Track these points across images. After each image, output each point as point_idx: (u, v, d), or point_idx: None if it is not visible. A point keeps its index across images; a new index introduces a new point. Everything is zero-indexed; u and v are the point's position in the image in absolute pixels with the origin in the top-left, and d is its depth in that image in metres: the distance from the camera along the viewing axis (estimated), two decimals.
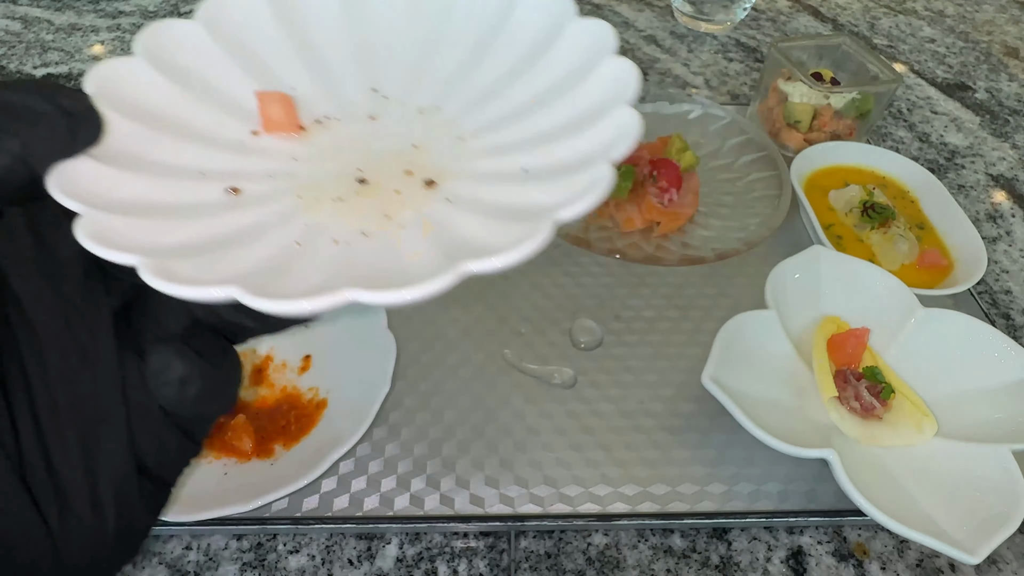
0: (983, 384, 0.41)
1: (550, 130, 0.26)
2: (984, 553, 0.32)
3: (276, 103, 0.26)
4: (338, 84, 0.28)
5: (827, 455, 0.35)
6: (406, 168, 0.25)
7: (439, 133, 0.27)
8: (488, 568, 0.36)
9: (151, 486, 0.19)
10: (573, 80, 0.26)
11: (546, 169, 0.24)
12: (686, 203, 0.51)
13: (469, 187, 0.24)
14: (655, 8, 0.88)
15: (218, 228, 0.22)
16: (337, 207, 0.24)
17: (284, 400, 0.41)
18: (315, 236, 0.22)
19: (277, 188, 0.24)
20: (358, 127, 0.27)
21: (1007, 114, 0.73)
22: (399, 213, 0.23)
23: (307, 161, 0.26)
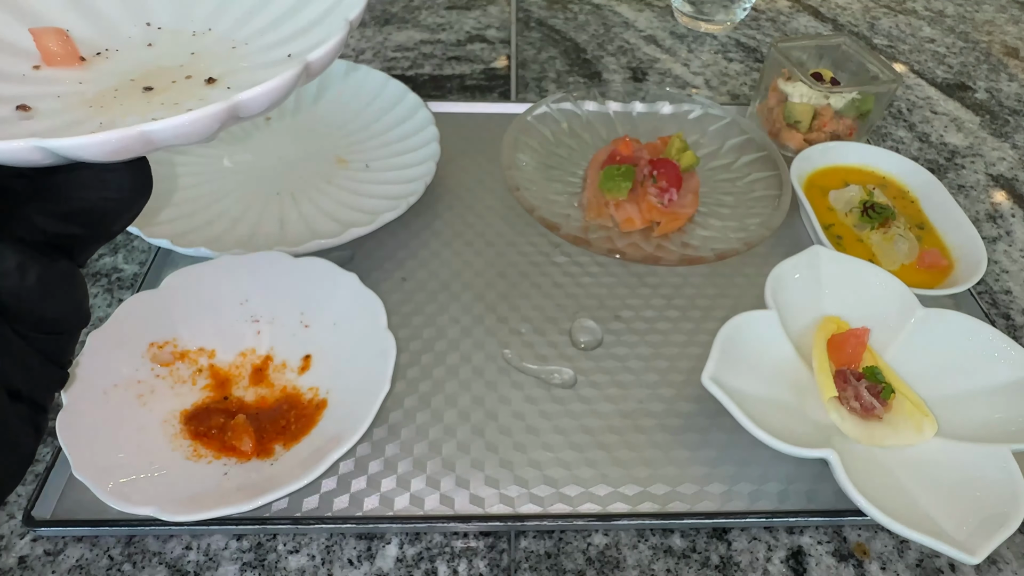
0: (983, 384, 0.41)
1: (308, 21, 0.30)
2: (984, 553, 0.32)
3: (51, 36, 0.28)
4: (111, 23, 0.31)
5: (827, 455, 0.35)
6: (187, 75, 0.28)
7: (214, 47, 0.30)
8: (488, 568, 0.36)
9: (25, 408, 0.20)
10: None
11: (304, 49, 0.27)
12: (686, 203, 0.51)
13: (245, 77, 0.28)
14: (655, 8, 0.88)
15: (15, 133, 0.23)
16: (127, 107, 0.26)
17: (284, 400, 0.41)
18: (111, 128, 0.23)
19: (67, 104, 0.26)
20: (138, 53, 0.30)
21: (1007, 114, 0.74)
22: (187, 103, 0.26)
23: (92, 83, 0.28)
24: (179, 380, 0.41)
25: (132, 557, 0.36)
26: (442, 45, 0.78)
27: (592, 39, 0.81)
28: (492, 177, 0.59)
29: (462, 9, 0.85)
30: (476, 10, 0.85)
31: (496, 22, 0.83)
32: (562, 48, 0.79)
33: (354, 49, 0.76)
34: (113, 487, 0.34)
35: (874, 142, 0.67)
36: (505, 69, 0.74)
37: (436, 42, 0.78)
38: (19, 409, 0.20)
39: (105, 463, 0.35)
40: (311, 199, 0.53)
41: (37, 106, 0.26)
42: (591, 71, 0.76)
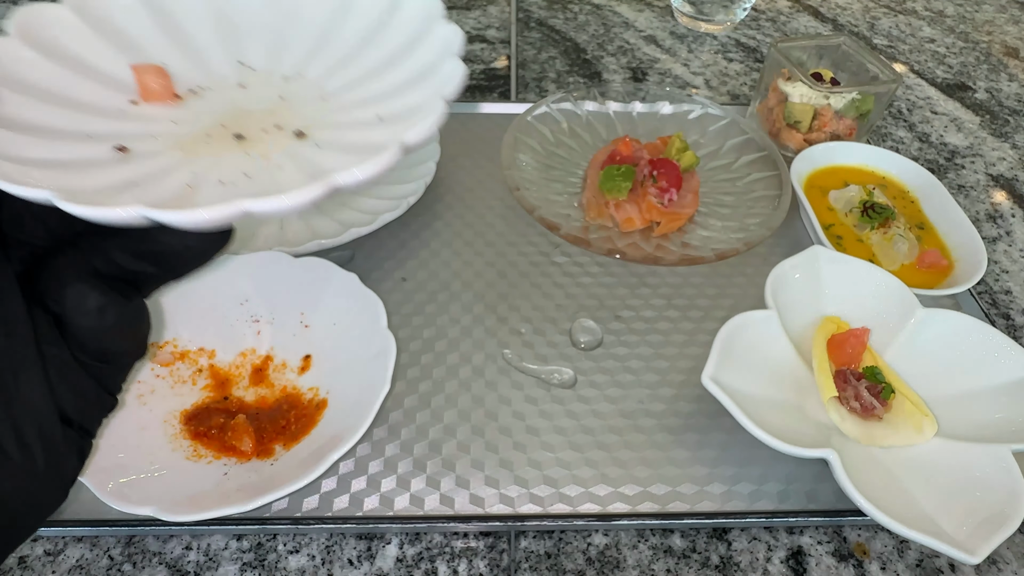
0: (983, 384, 0.41)
1: (397, 84, 0.29)
2: (984, 553, 0.32)
3: (151, 74, 0.29)
4: (206, 59, 0.31)
5: (827, 455, 0.35)
6: (277, 123, 0.28)
7: (304, 95, 0.30)
8: (488, 568, 0.36)
9: (74, 433, 0.20)
10: (413, 43, 0.30)
11: (396, 115, 0.28)
12: (686, 203, 0.51)
13: (334, 135, 0.28)
14: (655, 8, 0.88)
15: (115, 177, 0.24)
16: (218, 157, 0.26)
17: (284, 400, 0.41)
18: (203, 180, 0.25)
19: (162, 145, 0.27)
20: (230, 94, 0.30)
21: (1007, 114, 0.73)
22: (277, 158, 0.26)
23: (186, 123, 0.28)
24: (179, 380, 0.41)
25: (132, 557, 0.36)
26: None
27: (592, 39, 0.81)
28: (492, 177, 0.59)
29: (462, 9, 0.85)
30: (476, 10, 0.85)
31: (496, 22, 0.83)
32: (562, 48, 0.79)
33: None
34: (113, 487, 0.34)
35: (874, 142, 0.67)
36: (505, 69, 0.74)
37: None
38: (68, 433, 0.20)
39: (105, 463, 0.35)
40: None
41: (134, 146, 0.26)
42: (591, 71, 0.76)
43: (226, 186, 0.25)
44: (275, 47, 0.32)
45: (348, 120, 0.29)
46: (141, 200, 0.20)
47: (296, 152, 0.26)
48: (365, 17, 0.31)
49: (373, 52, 0.31)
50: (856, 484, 0.34)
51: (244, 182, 0.25)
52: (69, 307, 0.20)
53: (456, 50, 0.28)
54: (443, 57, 0.29)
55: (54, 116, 0.27)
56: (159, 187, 0.25)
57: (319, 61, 0.31)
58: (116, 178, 0.24)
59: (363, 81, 0.30)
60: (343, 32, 0.32)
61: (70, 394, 0.20)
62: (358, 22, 0.31)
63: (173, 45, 0.31)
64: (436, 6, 0.30)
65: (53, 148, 0.25)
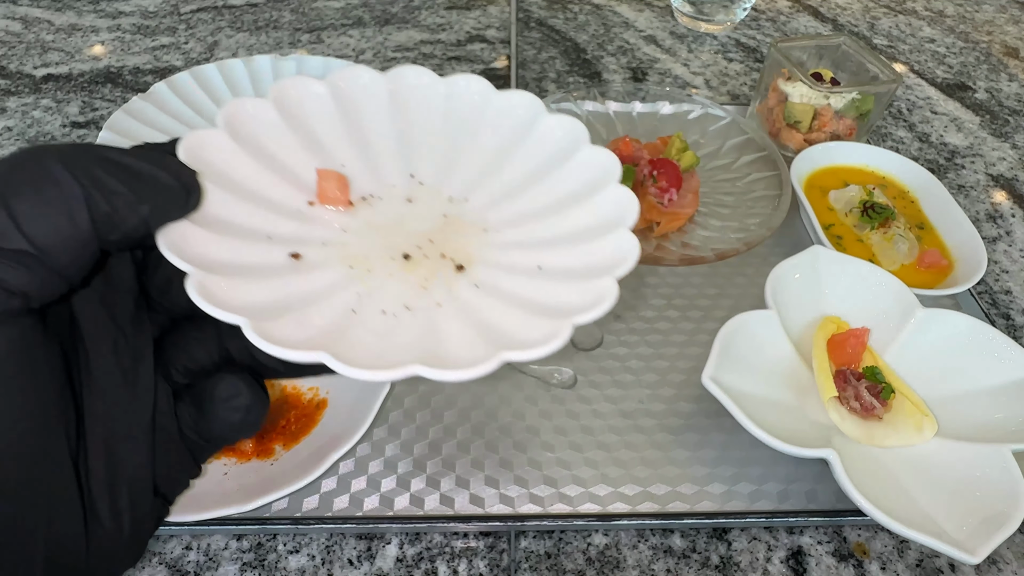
0: (983, 384, 0.41)
1: (562, 236, 0.30)
2: (984, 553, 0.32)
3: (333, 180, 0.30)
4: (381, 167, 0.32)
5: (827, 455, 0.35)
6: (441, 251, 0.29)
7: (467, 222, 0.31)
8: (488, 568, 0.36)
9: (159, 502, 0.21)
10: (582, 196, 0.30)
11: (557, 270, 0.28)
12: (686, 203, 0.51)
13: (493, 275, 0.28)
14: (655, 8, 0.88)
15: (289, 289, 0.26)
16: (383, 280, 0.27)
17: (284, 400, 0.41)
18: (367, 304, 0.26)
19: (331, 256, 0.28)
20: (397, 207, 0.31)
21: (1007, 114, 0.74)
22: (435, 291, 0.27)
23: (355, 233, 0.29)
24: None
25: None
26: (442, 45, 0.78)
27: (592, 39, 0.81)
28: None
29: (462, 9, 0.85)
30: (476, 10, 0.85)
31: (496, 22, 0.83)
32: (562, 48, 0.79)
33: (354, 49, 0.76)
34: None
35: (874, 142, 0.67)
36: (505, 69, 0.74)
37: (436, 42, 0.78)
38: (155, 503, 0.21)
39: None
40: None
41: (306, 254, 0.27)
42: (591, 71, 0.76)
43: (387, 316, 0.25)
44: (445, 166, 0.32)
45: (508, 262, 0.29)
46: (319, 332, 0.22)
47: (455, 289, 0.27)
48: (538, 154, 0.32)
49: (541, 193, 0.31)
50: (856, 484, 0.34)
51: (405, 316, 0.26)
52: (218, 398, 0.21)
53: (629, 221, 0.28)
54: (614, 223, 0.29)
55: (244, 213, 0.27)
56: (327, 307, 0.25)
57: (485, 189, 0.32)
58: (290, 292, 0.25)
59: (527, 220, 0.30)
60: (512, 164, 0.32)
61: (165, 465, 0.21)
62: (529, 158, 0.32)
63: (354, 151, 0.32)
64: (614, 166, 0.30)
65: (238, 249, 0.26)
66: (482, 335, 0.24)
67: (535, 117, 0.32)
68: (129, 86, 0.69)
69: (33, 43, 0.75)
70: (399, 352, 0.22)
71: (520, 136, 0.32)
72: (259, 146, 0.30)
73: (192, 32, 0.78)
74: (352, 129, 0.32)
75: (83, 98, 0.67)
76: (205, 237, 0.25)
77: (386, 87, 0.33)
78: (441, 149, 0.33)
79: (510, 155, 0.32)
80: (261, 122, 0.31)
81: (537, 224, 0.31)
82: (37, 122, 0.63)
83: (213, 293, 0.22)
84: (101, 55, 0.74)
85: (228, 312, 0.21)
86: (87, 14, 0.81)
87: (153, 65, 0.72)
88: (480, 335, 0.24)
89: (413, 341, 0.24)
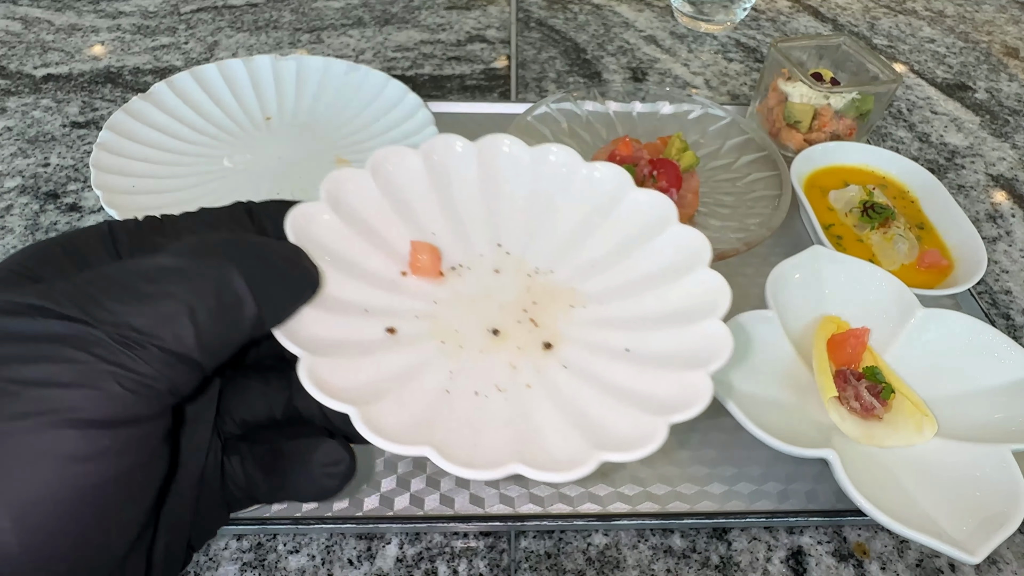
0: (983, 384, 0.41)
1: (649, 317, 0.29)
2: (984, 553, 0.32)
3: (426, 252, 0.30)
4: (470, 236, 0.32)
5: (827, 455, 0.35)
6: (529, 327, 0.29)
7: (553, 295, 0.31)
8: (488, 568, 0.36)
9: (190, 553, 0.21)
10: (669, 276, 0.30)
11: (646, 356, 0.27)
12: (686, 203, 0.51)
13: (580, 355, 0.28)
14: (655, 8, 0.88)
15: (386, 368, 0.26)
16: (473, 356, 0.27)
17: None
18: (460, 384, 0.26)
19: (423, 329, 0.28)
20: (485, 279, 0.31)
21: (1007, 114, 0.74)
22: (524, 370, 0.27)
23: (446, 305, 0.29)
24: None
25: None
26: (442, 45, 0.78)
27: (592, 39, 0.81)
28: None
29: (462, 9, 0.85)
30: (476, 10, 0.85)
31: (496, 22, 0.83)
32: (562, 48, 0.79)
33: (354, 49, 0.76)
34: None
35: (874, 142, 0.67)
36: (505, 69, 0.74)
37: (436, 42, 0.78)
38: (188, 554, 0.21)
39: None
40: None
41: (400, 328, 0.28)
42: (591, 71, 0.76)
43: (479, 398, 0.26)
44: (531, 236, 0.32)
45: (596, 341, 0.29)
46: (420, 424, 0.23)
47: (544, 370, 0.27)
48: (623, 229, 0.31)
49: (626, 269, 0.30)
50: (856, 484, 0.34)
51: (496, 397, 0.26)
52: (317, 463, 0.21)
53: (722, 310, 0.27)
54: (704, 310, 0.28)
55: (344, 287, 0.27)
56: (423, 388, 0.26)
57: (571, 261, 0.31)
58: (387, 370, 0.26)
59: (613, 297, 0.30)
60: (598, 237, 0.32)
61: (201, 518, 0.21)
62: (614, 233, 0.31)
63: (445, 220, 0.32)
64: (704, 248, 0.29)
65: (339, 326, 0.26)
66: (576, 426, 0.24)
67: (622, 190, 0.32)
68: (129, 86, 0.69)
69: (33, 43, 0.75)
70: (497, 446, 0.23)
71: (607, 209, 0.32)
72: (357, 217, 0.30)
73: (192, 32, 0.78)
74: (443, 197, 0.32)
75: (83, 98, 0.67)
76: (312, 316, 0.25)
77: (476, 155, 0.32)
78: (527, 218, 0.33)
79: (596, 228, 0.32)
80: (358, 193, 0.31)
81: (623, 302, 0.30)
82: (37, 122, 0.63)
83: (322, 379, 0.22)
84: (101, 55, 0.74)
85: (338, 401, 0.22)
86: (87, 14, 0.81)
87: (153, 65, 0.72)
88: (574, 426, 0.24)
89: (508, 430, 0.24)
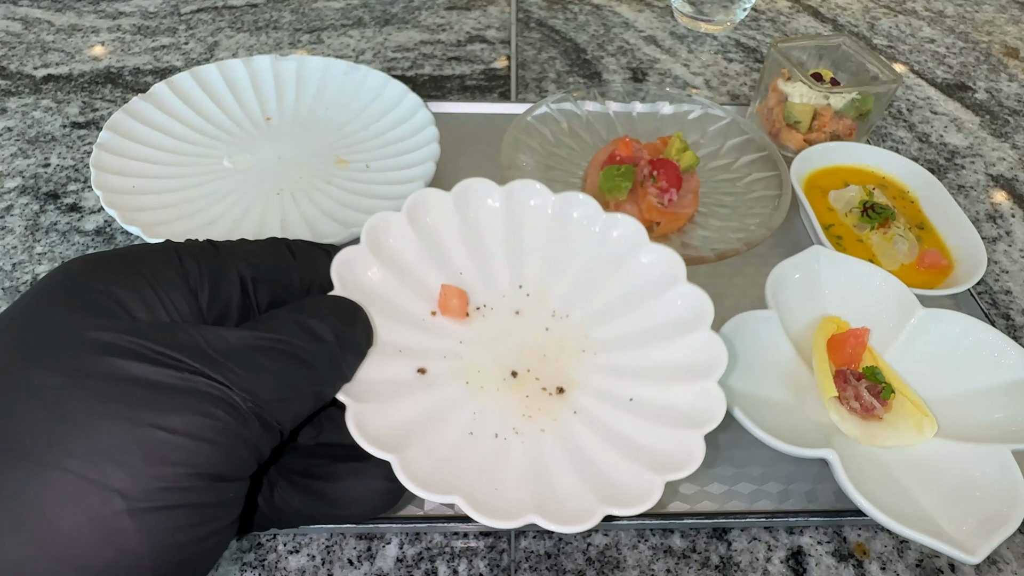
0: (983, 384, 0.41)
1: (653, 369, 0.32)
2: (984, 553, 0.32)
3: (455, 296, 0.33)
4: (495, 277, 0.35)
5: (827, 455, 0.35)
6: (544, 370, 0.32)
7: (568, 340, 0.34)
8: (488, 568, 0.36)
9: None
10: (673, 333, 0.32)
11: (648, 408, 0.31)
12: (686, 203, 0.51)
13: (590, 401, 0.32)
14: (655, 9, 0.88)
15: (418, 409, 0.29)
16: (494, 397, 0.31)
17: None
18: (481, 426, 0.30)
19: (450, 369, 0.31)
20: (507, 320, 0.34)
21: (1007, 114, 0.74)
22: (539, 414, 0.31)
23: (470, 344, 0.32)
24: None
25: None
26: (442, 45, 0.78)
27: (592, 39, 0.81)
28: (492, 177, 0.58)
29: (462, 9, 0.85)
30: (476, 10, 0.85)
31: (496, 22, 0.83)
32: (562, 48, 0.79)
33: (354, 49, 0.76)
34: None
35: (874, 142, 0.67)
36: (505, 69, 0.74)
37: (436, 42, 0.78)
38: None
39: None
40: (312, 199, 0.53)
41: (430, 368, 0.31)
42: (591, 71, 0.76)
43: (498, 439, 0.29)
44: (551, 279, 0.35)
45: (603, 388, 0.32)
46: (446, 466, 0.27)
47: (557, 415, 0.31)
48: (635, 282, 0.34)
49: (637, 319, 0.34)
50: (856, 484, 0.34)
51: (513, 438, 0.30)
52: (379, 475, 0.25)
53: (718, 374, 0.30)
54: (703, 371, 0.31)
55: (383, 327, 0.30)
56: (450, 430, 0.29)
57: (586, 306, 0.34)
58: (419, 411, 0.29)
59: (623, 346, 0.33)
60: (612, 286, 0.35)
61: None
62: (627, 283, 0.34)
63: (472, 261, 0.34)
64: (708, 308, 0.32)
65: (378, 366, 0.29)
66: (584, 479, 0.28)
67: (637, 244, 0.34)
68: (129, 86, 0.69)
69: (33, 43, 0.75)
70: (518, 495, 0.27)
71: (622, 259, 0.35)
72: (393, 259, 0.33)
73: (192, 33, 0.78)
74: (472, 239, 0.35)
75: (83, 98, 0.67)
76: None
77: (506, 199, 0.35)
78: (547, 262, 0.35)
79: (611, 277, 0.35)
80: (395, 234, 0.33)
81: (631, 352, 0.33)
82: (37, 122, 0.63)
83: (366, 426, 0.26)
84: (101, 56, 0.74)
85: (380, 449, 0.25)
86: (87, 15, 0.81)
87: (153, 66, 0.72)
88: (582, 478, 0.28)
89: (525, 477, 0.28)
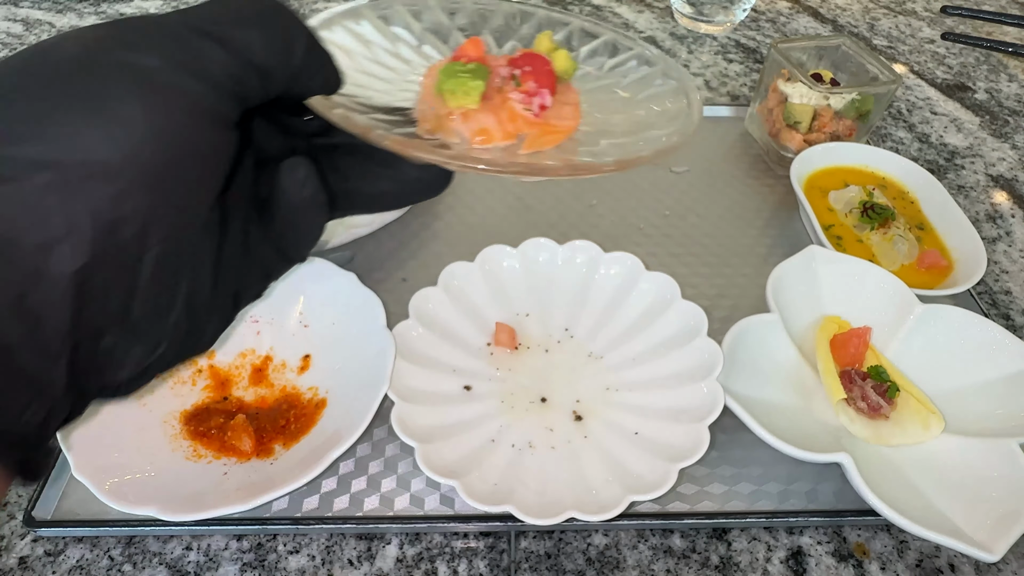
0: (985, 377, 0.41)
1: (664, 412, 0.39)
2: (1002, 550, 0.31)
3: (506, 332, 0.42)
4: (548, 320, 0.43)
5: (842, 459, 0.35)
6: (570, 399, 0.40)
7: (597, 375, 0.42)
8: (488, 568, 0.36)
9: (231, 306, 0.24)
10: (686, 380, 0.40)
11: (648, 442, 0.38)
12: (563, 114, 0.32)
13: (601, 430, 0.39)
14: (655, 9, 0.88)
15: (453, 416, 0.38)
16: (522, 416, 0.39)
17: (284, 400, 0.41)
18: (503, 436, 0.38)
19: (491, 390, 0.40)
20: (549, 356, 0.42)
21: (1007, 114, 0.74)
22: (554, 435, 0.38)
23: (513, 372, 0.41)
24: (179, 381, 0.41)
25: (132, 557, 0.36)
26: None
27: None
28: (492, 178, 0.59)
29: None
30: None
31: None
32: None
33: None
34: (111, 486, 0.34)
35: (874, 143, 0.67)
36: None
37: None
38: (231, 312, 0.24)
39: (105, 464, 0.35)
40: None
41: (475, 387, 0.40)
42: None
43: (514, 449, 0.37)
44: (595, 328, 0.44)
45: (615, 420, 0.39)
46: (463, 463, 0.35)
47: (569, 436, 0.38)
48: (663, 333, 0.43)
49: (656, 367, 0.41)
50: (872, 487, 0.34)
51: (527, 450, 0.37)
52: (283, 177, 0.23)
53: (716, 371, 0.38)
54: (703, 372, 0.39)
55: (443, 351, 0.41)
56: (476, 435, 0.37)
57: (620, 353, 0.42)
58: (454, 418, 0.38)
59: (637, 386, 0.41)
60: (640, 337, 0.43)
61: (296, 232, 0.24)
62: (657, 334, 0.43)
63: (531, 302, 0.44)
64: (701, 320, 0.41)
65: (429, 379, 0.39)
66: (613, 474, 0.36)
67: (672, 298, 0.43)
68: None
69: None
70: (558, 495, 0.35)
71: (655, 313, 0.43)
72: (462, 298, 0.42)
73: None
74: (533, 288, 0.45)
75: None
76: (410, 370, 0.39)
77: (563, 256, 0.45)
78: (595, 312, 0.44)
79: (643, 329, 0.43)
80: (466, 279, 0.44)
81: (644, 391, 0.41)
82: None
83: (404, 419, 0.36)
84: None
85: (410, 438, 0.35)
86: (88, 16, 0.81)
87: None
88: (613, 473, 0.36)
89: (504, 474, 0.36)
